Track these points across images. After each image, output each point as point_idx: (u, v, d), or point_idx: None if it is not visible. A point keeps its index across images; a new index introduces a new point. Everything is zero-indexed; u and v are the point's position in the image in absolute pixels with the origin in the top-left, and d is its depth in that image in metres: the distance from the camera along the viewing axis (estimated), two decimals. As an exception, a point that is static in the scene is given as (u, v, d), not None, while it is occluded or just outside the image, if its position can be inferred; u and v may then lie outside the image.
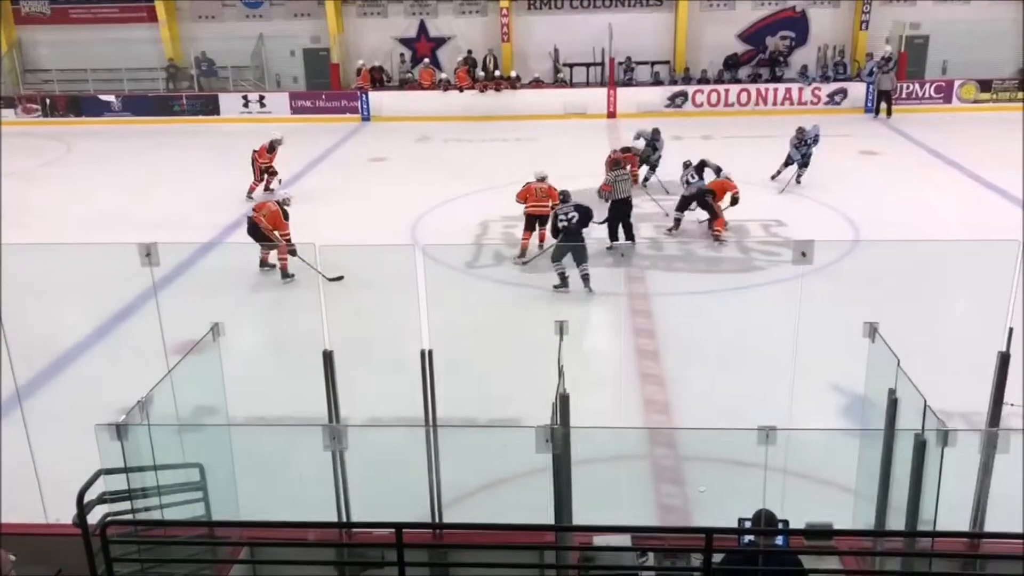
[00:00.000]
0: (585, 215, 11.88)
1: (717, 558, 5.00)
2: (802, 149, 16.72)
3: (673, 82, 25.68)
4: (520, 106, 25.14)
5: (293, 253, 11.56)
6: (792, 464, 5.67)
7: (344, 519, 5.61)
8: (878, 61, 24.63)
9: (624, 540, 5.28)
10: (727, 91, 24.97)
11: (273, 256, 12.16)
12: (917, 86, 24.63)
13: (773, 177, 17.14)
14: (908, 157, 19.38)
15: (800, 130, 17.03)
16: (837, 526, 4.96)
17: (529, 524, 4.46)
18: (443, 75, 26.12)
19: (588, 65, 26.29)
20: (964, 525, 5.27)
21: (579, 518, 5.18)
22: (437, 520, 5.50)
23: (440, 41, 27.18)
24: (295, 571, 4.54)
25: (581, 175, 17.91)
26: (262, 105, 25.77)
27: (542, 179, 13.19)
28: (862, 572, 5.17)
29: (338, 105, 25.79)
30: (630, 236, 13.30)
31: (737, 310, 11.29)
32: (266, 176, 16.90)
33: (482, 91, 25.51)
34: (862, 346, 5.65)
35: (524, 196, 13.08)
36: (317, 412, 5.63)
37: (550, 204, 12.79)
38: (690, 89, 25.08)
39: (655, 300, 11.66)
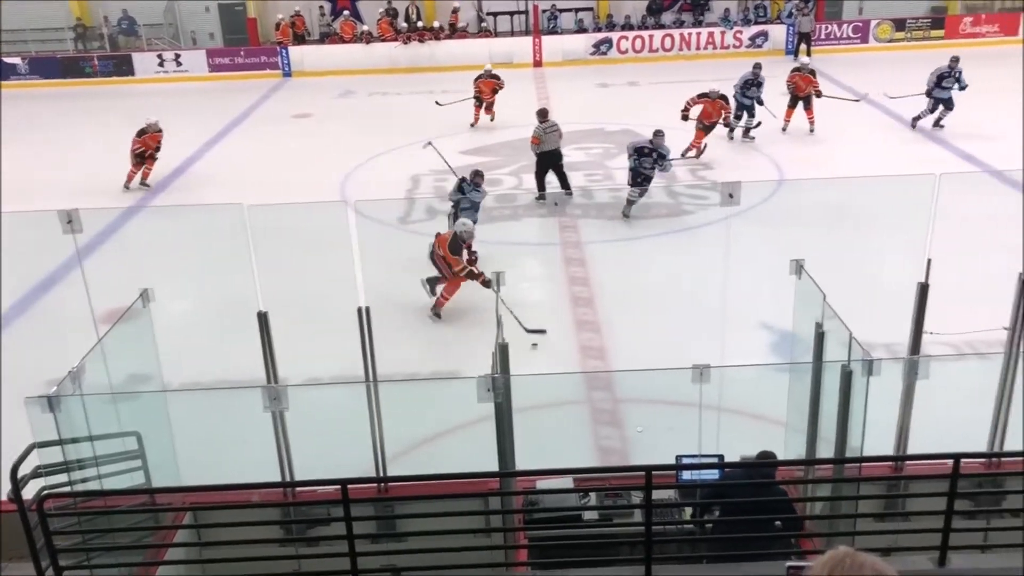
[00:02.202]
0: None
1: (663, 494, 5.19)
2: (749, 93, 16.55)
3: (597, 29, 25.63)
4: (445, 57, 24.84)
5: (487, 285, 9.47)
6: (726, 401, 5.83)
7: (288, 479, 5.61)
8: (797, 3, 24.95)
9: (567, 482, 5.40)
10: (651, 37, 25.03)
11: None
12: (835, 27, 25.03)
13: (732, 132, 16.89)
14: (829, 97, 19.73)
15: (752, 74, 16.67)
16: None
17: (473, 472, 4.52)
18: (365, 27, 25.59)
19: (512, 14, 26.05)
20: (890, 450, 5.53)
21: (522, 464, 5.26)
22: (382, 475, 5.54)
23: (361, -8, 26.63)
24: (241, 533, 4.53)
25: (511, 125, 17.93)
26: (178, 64, 24.94)
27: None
28: (796, 500, 5.38)
29: (258, 61, 25.12)
30: (565, 186, 13.35)
31: (668, 254, 11.48)
32: (146, 163, 14.96)
33: (405, 43, 25.10)
34: (789, 283, 5.82)
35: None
36: (255, 375, 5.59)
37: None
38: (615, 36, 25.06)
39: (588, 248, 11.77)
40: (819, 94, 16.44)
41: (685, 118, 14.96)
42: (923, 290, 5.30)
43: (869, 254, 10.09)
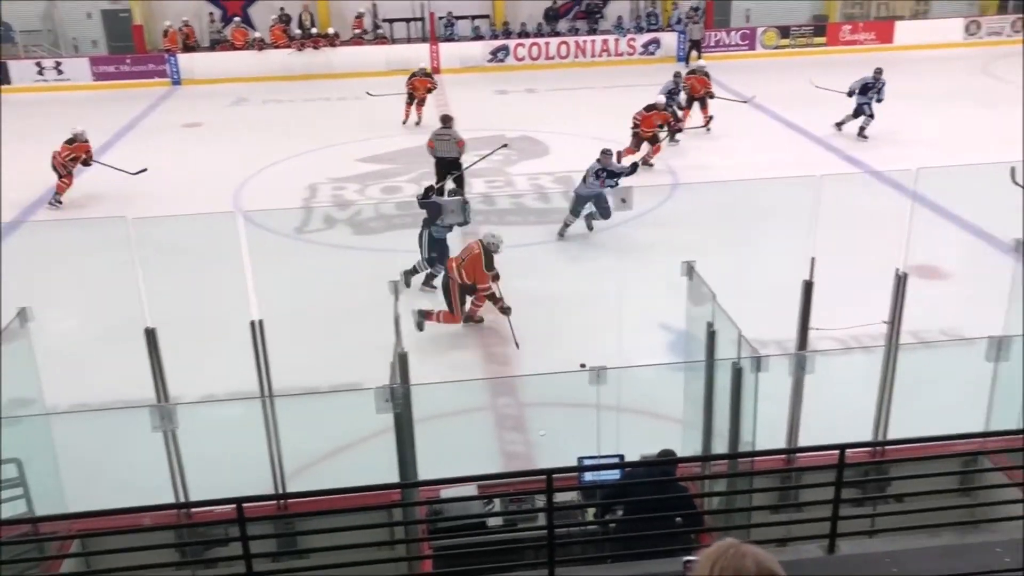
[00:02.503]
0: None
1: (566, 496, 5.23)
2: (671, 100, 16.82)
3: (494, 36, 25.77)
4: (340, 64, 24.55)
5: (505, 312, 9.19)
6: (625, 401, 5.92)
7: (183, 500, 5.43)
8: (687, 11, 25.66)
9: (470, 490, 5.39)
10: (547, 44, 25.30)
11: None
12: (724, 34, 25.81)
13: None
14: (719, 102, 20.33)
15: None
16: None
17: (374, 485, 4.46)
18: (257, 34, 25.07)
19: (408, 20, 25.94)
20: (783, 443, 5.72)
21: (427, 474, 5.22)
22: (281, 491, 5.41)
23: (251, -1, 26.08)
24: (133, 559, 4.35)
25: (409, 131, 17.85)
26: (59, 72, 23.88)
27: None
28: (695, 496, 5.50)
29: (145, 69, 24.29)
30: (459, 193, 13.33)
31: (568, 259, 11.60)
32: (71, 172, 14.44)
33: (300, 49, 24.70)
34: (683, 284, 5.96)
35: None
36: (145, 394, 5.39)
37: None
38: (511, 43, 25.24)
39: (489, 254, 11.77)
40: (712, 95, 16.99)
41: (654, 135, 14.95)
42: (808, 288, 5.50)
43: (759, 253, 10.44)
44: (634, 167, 12.15)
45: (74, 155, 14.16)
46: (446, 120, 13.61)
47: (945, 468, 5.64)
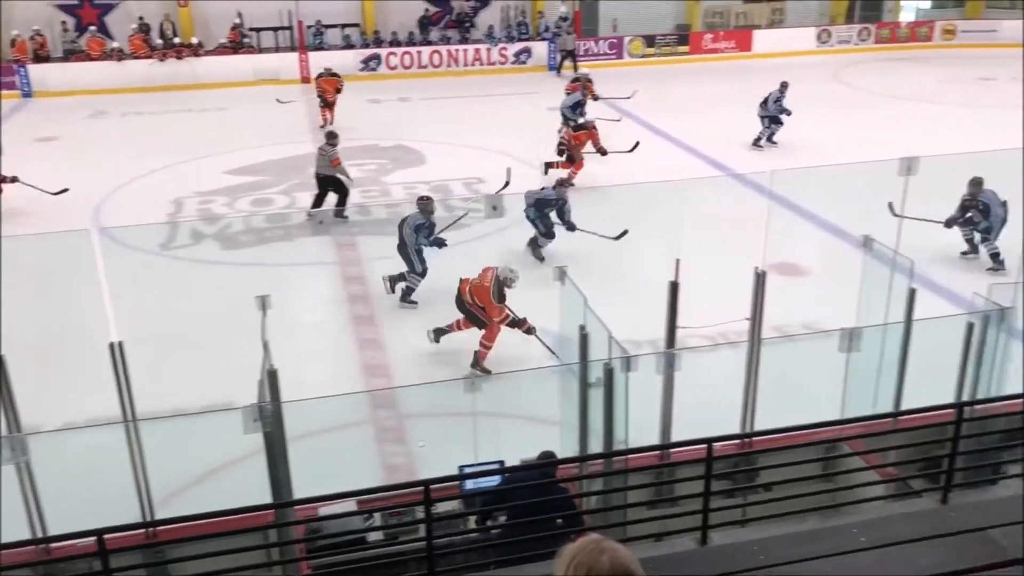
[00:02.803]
0: None
1: (448, 507, 5.20)
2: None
3: (365, 45, 25.54)
4: (205, 74, 23.80)
5: (530, 332, 8.61)
6: (505, 407, 5.97)
7: (41, 535, 5.12)
8: (556, 21, 26.12)
9: (350, 506, 5.29)
10: (419, 53, 25.25)
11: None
12: (593, 43, 26.37)
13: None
14: (591, 110, 20.76)
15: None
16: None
17: (247, 507, 4.32)
18: (115, 44, 24.01)
19: (276, 29, 25.39)
20: (657, 439, 5.86)
21: (305, 492, 5.10)
22: (149, 519, 5.18)
23: (107, 7, 24.95)
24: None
25: (280, 142, 17.46)
26: None
27: None
28: (574, 496, 5.58)
29: (-9, 81, 22.92)
30: (319, 205, 13.10)
31: (448, 268, 11.55)
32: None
33: (161, 60, 23.81)
34: (557, 289, 6.05)
35: None
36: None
37: None
38: (383, 52, 25.07)
39: (368, 265, 11.64)
40: (596, 97, 17.73)
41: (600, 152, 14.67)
42: (674, 288, 5.66)
43: (630, 256, 10.68)
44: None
45: None
46: (329, 137, 13.40)
47: (808, 456, 5.90)
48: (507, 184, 11.22)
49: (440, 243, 10.34)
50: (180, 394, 7.72)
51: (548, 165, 14.55)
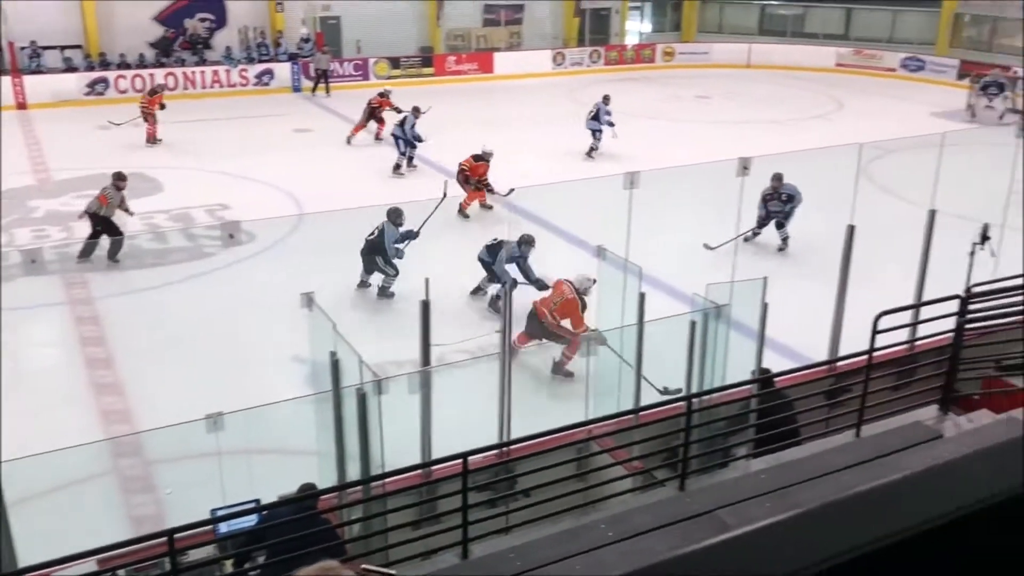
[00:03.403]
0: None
1: (202, 554, 4.89)
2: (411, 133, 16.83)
3: (90, 68, 23.77)
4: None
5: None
6: (256, 442, 5.74)
7: None
8: (298, 42, 25.70)
9: (90, 566, 4.86)
10: (152, 75, 23.83)
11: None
12: (338, 64, 26.17)
13: None
14: (339, 132, 20.58)
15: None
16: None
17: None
18: None
19: (-20, 51, 23.06)
20: (419, 459, 5.88)
21: (37, 558, 4.62)
22: None
23: None
24: None
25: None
26: None
27: None
28: (337, 526, 5.47)
29: None
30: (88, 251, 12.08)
31: (192, 300, 10.99)
32: None
33: None
34: (306, 315, 5.91)
35: None
36: None
37: None
38: (111, 75, 23.46)
39: (101, 304, 10.80)
40: (397, 110, 18.28)
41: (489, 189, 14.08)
42: (425, 307, 5.72)
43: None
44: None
45: None
46: (117, 178, 12.31)
47: (563, 458, 6.17)
48: (444, 197, 10.92)
49: (413, 235, 10.21)
50: None
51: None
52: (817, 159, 13.01)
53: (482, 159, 14.68)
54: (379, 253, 10.41)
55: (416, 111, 16.99)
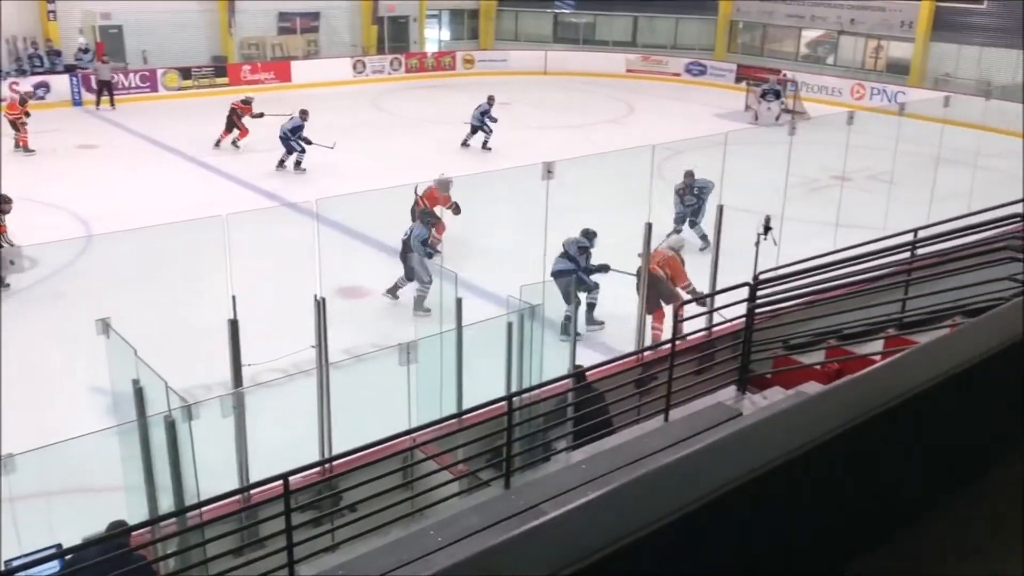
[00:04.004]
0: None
1: None
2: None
3: None
4: None
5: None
6: (54, 482, 5.33)
7: None
8: (76, 52, 24.06)
9: None
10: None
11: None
12: (122, 76, 24.68)
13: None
14: (128, 147, 19.43)
15: None
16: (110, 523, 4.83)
17: None
18: None
19: None
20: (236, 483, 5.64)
21: None
22: None
23: None
24: None
25: None
26: None
27: None
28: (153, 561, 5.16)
29: None
30: None
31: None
32: None
33: None
34: (103, 343, 5.53)
35: None
36: None
37: None
38: None
39: None
40: (258, 115, 18.30)
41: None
42: (234, 326, 5.51)
43: (184, 299, 10.16)
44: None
45: None
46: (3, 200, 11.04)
47: (388, 468, 6.12)
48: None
49: (430, 253, 10.43)
50: None
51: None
52: (614, 161, 13.60)
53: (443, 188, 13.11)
54: (410, 252, 10.39)
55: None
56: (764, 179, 10.93)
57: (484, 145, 19.24)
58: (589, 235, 9.89)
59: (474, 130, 19.32)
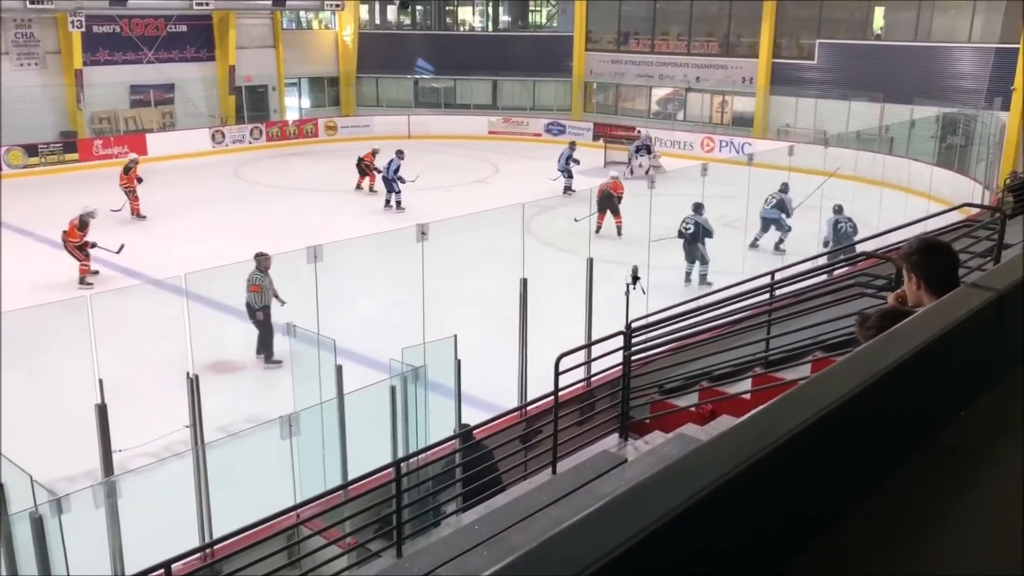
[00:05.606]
0: None
1: None
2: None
3: None
4: None
5: None
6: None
7: None
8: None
9: None
10: None
11: None
12: (-41, 155, 23.35)
13: None
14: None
15: None
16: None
17: None
18: None
19: None
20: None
21: None
22: None
23: None
24: None
25: None
26: None
27: None
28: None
29: None
30: None
31: None
32: None
33: None
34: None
35: None
36: None
37: None
38: None
39: None
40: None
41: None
42: (102, 411, 5.24)
43: (47, 385, 9.59)
44: None
45: None
46: None
47: (273, 548, 5.90)
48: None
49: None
50: None
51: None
52: (485, 219, 13.82)
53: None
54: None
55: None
56: (630, 232, 11.33)
57: (399, 205, 19.73)
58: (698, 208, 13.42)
59: (391, 189, 19.75)
